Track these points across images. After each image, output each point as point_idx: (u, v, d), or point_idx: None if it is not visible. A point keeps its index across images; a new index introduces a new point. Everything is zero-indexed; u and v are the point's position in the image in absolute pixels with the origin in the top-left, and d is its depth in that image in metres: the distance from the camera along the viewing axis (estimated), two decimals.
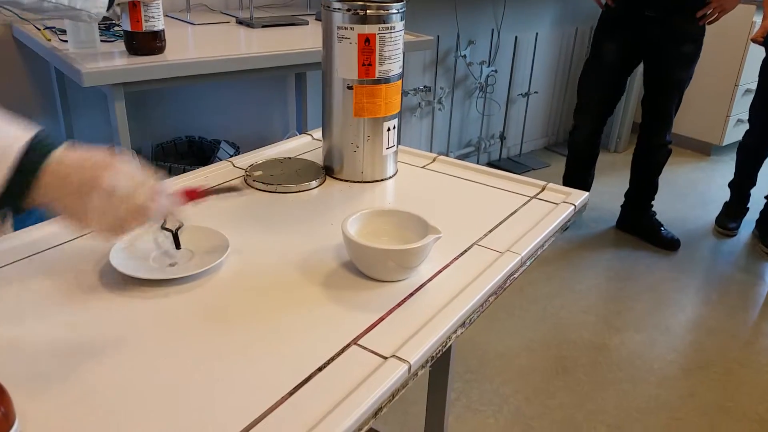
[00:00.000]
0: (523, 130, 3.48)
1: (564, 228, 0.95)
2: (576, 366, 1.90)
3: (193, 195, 0.75)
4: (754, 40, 2.39)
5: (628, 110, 3.59)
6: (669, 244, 2.57)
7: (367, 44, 0.93)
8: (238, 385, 0.58)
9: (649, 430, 1.67)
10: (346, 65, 0.94)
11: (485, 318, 2.07)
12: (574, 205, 0.97)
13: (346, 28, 0.92)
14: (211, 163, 1.46)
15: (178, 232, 0.80)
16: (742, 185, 2.71)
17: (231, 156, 2.22)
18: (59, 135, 1.98)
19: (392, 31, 0.94)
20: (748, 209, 2.77)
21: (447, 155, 3.17)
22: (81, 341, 0.63)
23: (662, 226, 2.62)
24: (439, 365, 1.32)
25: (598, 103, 2.49)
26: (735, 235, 2.68)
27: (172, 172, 2.02)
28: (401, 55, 0.97)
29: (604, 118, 2.52)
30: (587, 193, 1.02)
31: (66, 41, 1.53)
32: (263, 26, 1.95)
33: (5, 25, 1.79)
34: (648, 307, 2.20)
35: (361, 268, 0.75)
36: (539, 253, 0.87)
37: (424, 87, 2.92)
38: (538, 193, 1.02)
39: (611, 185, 3.12)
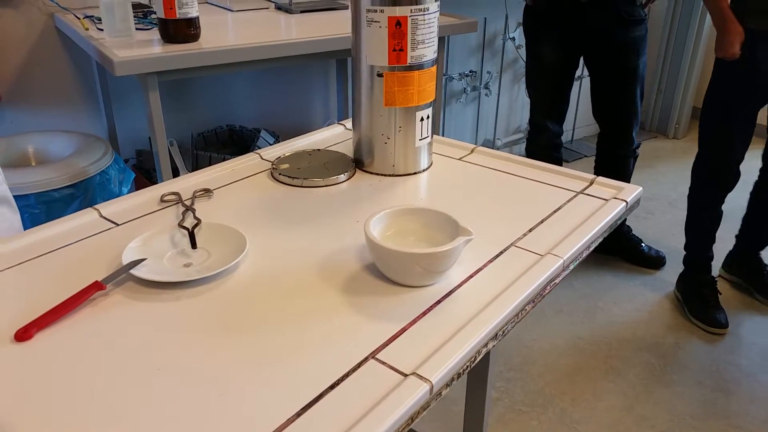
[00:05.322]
0: (576, 114, 3.34)
1: (614, 227, 0.87)
2: (627, 367, 1.80)
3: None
4: (727, 56, 1.74)
5: (688, 93, 3.40)
6: (652, 262, 2.30)
7: (398, 28, 0.86)
8: (242, 402, 0.53)
9: None
10: (375, 51, 0.88)
11: (530, 314, 1.99)
12: (625, 201, 0.89)
13: (375, 11, 0.86)
14: (251, 151, 1.43)
15: (195, 231, 0.76)
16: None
17: (270, 144, 2.20)
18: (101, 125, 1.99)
19: (425, 12, 0.87)
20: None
21: (494, 142, 3.07)
22: (84, 344, 0.59)
23: (642, 242, 2.34)
24: (477, 366, 1.25)
25: (551, 107, 2.17)
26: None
27: (212, 162, 2.01)
28: (436, 39, 0.90)
29: (563, 117, 2.20)
30: (640, 188, 0.93)
31: (103, 29, 1.52)
32: (302, 11, 1.91)
33: (48, 14, 1.80)
34: None
35: (384, 272, 0.69)
36: (585, 255, 0.80)
37: (470, 72, 2.83)
38: (585, 188, 0.94)
39: (674, 173, 2.96)
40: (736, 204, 2.04)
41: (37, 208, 1.44)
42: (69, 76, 1.89)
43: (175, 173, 1.84)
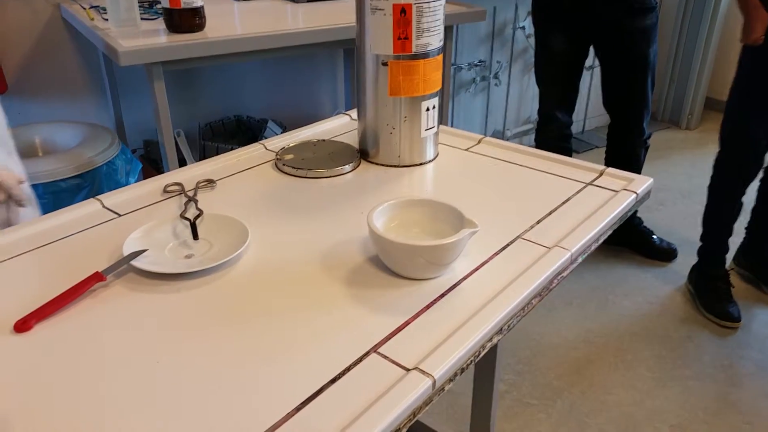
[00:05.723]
0: (587, 105, 3.30)
1: (623, 219, 0.85)
2: (637, 360, 1.78)
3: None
4: (752, 42, 1.72)
5: (701, 83, 3.35)
6: (664, 254, 2.26)
7: (402, 15, 0.84)
8: (243, 395, 0.52)
9: None
10: (380, 39, 0.86)
11: (540, 306, 1.97)
12: (635, 193, 0.87)
13: None
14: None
15: (197, 222, 0.75)
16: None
17: (277, 135, 2.19)
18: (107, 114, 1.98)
19: (431, 0, 0.85)
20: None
21: (504, 133, 3.05)
22: (84, 336, 0.58)
23: (653, 234, 2.30)
24: (485, 358, 1.24)
25: (561, 97, 2.13)
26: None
27: (219, 152, 2.00)
28: (441, 27, 0.89)
29: (572, 107, 2.17)
30: (651, 180, 0.91)
31: (108, 20, 1.51)
32: (309, 1, 1.89)
33: (54, 5, 1.79)
34: None
35: (388, 264, 0.68)
36: (593, 248, 0.78)
37: (479, 61, 2.80)
38: (594, 179, 0.92)
39: (686, 164, 2.92)
40: (752, 195, 2.01)
41: (44, 198, 1.44)
42: (75, 67, 1.88)
43: (182, 164, 1.83)
